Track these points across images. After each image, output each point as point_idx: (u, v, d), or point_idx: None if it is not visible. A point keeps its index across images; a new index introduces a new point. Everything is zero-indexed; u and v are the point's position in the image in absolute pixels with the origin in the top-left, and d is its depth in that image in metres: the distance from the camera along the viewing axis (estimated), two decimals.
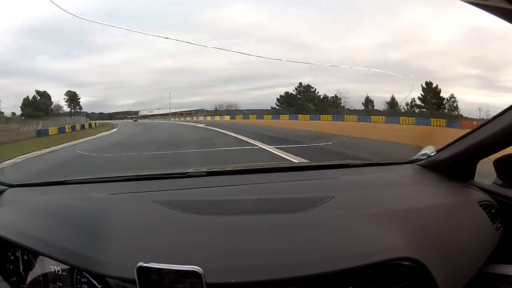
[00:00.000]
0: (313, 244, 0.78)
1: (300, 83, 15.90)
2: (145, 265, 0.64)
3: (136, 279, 0.65)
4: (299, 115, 15.62)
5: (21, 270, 0.91)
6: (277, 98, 16.40)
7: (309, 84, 15.76)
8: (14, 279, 0.92)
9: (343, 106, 15.15)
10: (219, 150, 6.54)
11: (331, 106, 15.43)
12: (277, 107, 16.65)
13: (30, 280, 0.88)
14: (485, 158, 1.16)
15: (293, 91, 16.11)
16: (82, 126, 15.14)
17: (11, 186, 1.22)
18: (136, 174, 1.31)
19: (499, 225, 1.05)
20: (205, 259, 0.71)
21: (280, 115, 16.07)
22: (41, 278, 0.85)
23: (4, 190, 1.19)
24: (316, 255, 0.75)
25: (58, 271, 0.82)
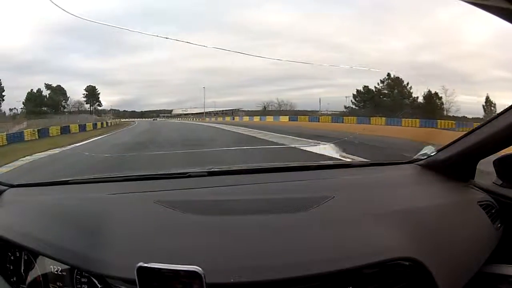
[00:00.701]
0: (313, 244, 0.78)
1: (388, 74, 12.13)
2: (145, 265, 0.64)
3: (136, 279, 0.65)
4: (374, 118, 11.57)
5: (21, 270, 0.91)
6: (353, 94, 13.12)
7: (398, 77, 12.17)
8: (14, 279, 0.92)
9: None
10: None
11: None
12: (354, 106, 13.15)
13: (30, 280, 0.88)
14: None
15: (378, 84, 12.17)
16: (94, 125, 14.06)
17: (11, 186, 1.22)
18: (136, 174, 1.31)
19: (499, 225, 1.05)
20: (205, 259, 0.71)
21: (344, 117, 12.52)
22: (41, 278, 0.85)
23: (4, 190, 1.18)
24: (316, 255, 0.75)
25: (58, 271, 0.82)
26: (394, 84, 12.13)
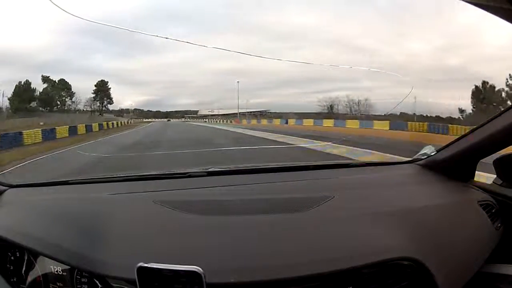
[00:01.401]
0: (313, 244, 0.78)
1: None
2: (145, 265, 0.64)
3: (136, 279, 0.65)
4: None
5: (22, 271, 0.91)
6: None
7: None
8: (15, 279, 0.92)
9: None
10: None
11: None
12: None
13: (30, 280, 0.88)
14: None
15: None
16: (86, 128, 11.90)
17: (11, 186, 1.22)
18: (136, 174, 1.31)
19: (499, 224, 1.04)
20: (205, 259, 0.71)
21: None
22: (41, 279, 0.85)
23: (4, 191, 1.18)
24: (316, 255, 0.75)
25: (59, 271, 0.82)
26: None
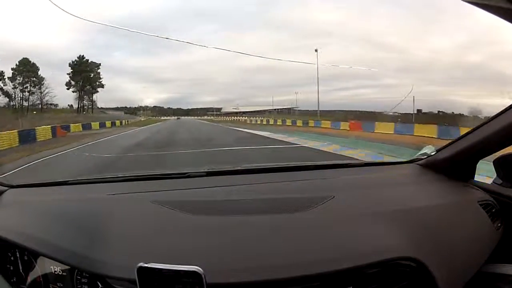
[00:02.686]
0: (313, 244, 0.78)
1: None
2: (146, 265, 0.65)
3: (137, 279, 0.65)
4: None
5: (22, 271, 0.91)
6: None
7: None
8: (15, 279, 0.92)
9: None
10: None
11: None
12: None
13: (30, 280, 0.88)
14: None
15: None
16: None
17: (11, 186, 1.22)
18: (135, 174, 1.31)
19: (499, 224, 1.05)
20: (205, 259, 0.71)
21: None
22: (41, 279, 0.85)
23: (4, 191, 1.18)
24: (316, 255, 0.75)
25: (59, 271, 0.82)
26: None
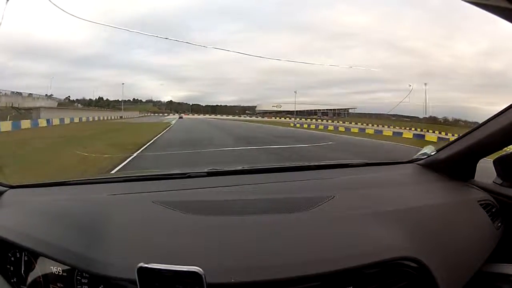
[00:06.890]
0: (314, 244, 0.78)
1: None
2: (146, 265, 0.64)
3: (137, 280, 0.65)
4: None
5: (22, 271, 0.91)
6: None
7: None
8: (15, 280, 0.92)
9: None
10: None
11: None
12: None
13: (30, 281, 0.88)
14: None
15: None
16: None
17: (11, 187, 1.22)
18: (135, 175, 1.31)
19: (499, 224, 1.05)
20: (205, 259, 0.71)
21: None
22: (41, 279, 0.85)
23: (4, 191, 1.18)
24: (316, 254, 0.75)
25: (59, 271, 0.82)
26: None
